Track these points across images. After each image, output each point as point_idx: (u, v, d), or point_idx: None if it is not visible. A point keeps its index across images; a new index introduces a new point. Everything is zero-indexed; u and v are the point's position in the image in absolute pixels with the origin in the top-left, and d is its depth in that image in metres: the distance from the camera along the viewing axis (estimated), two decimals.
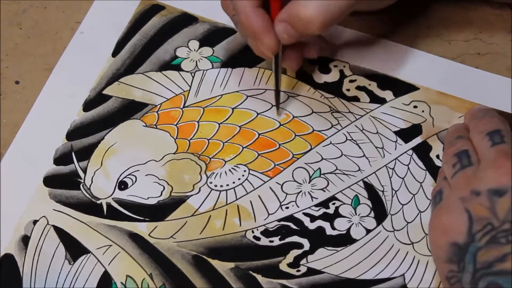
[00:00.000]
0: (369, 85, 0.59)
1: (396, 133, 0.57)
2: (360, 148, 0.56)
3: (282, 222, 0.54)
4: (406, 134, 0.57)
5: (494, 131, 0.50)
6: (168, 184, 0.55)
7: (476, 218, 0.46)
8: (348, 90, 0.58)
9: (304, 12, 0.50)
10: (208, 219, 0.54)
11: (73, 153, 0.56)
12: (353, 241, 0.53)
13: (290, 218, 0.54)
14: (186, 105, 0.58)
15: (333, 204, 0.54)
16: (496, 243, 0.45)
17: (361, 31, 0.60)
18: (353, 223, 0.54)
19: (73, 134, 0.57)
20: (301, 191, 0.55)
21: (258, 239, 0.53)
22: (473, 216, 0.47)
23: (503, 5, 0.61)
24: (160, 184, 0.55)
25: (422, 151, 0.56)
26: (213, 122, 0.57)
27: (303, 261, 0.52)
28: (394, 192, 0.55)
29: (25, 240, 0.53)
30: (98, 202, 0.54)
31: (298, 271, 0.52)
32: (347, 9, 0.51)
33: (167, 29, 0.61)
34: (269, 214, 0.54)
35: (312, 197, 0.55)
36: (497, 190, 0.46)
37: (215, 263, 0.52)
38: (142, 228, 0.54)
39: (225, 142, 0.57)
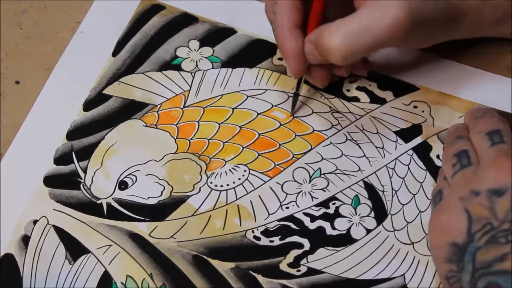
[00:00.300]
0: (369, 85, 0.59)
1: (396, 133, 0.57)
2: (360, 148, 0.56)
3: (282, 222, 0.54)
4: (406, 134, 0.57)
5: (493, 131, 0.50)
6: (168, 184, 0.55)
7: (476, 218, 0.46)
8: (348, 90, 0.58)
9: (328, 41, 0.49)
10: (208, 219, 0.54)
11: (73, 153, 0.56)
12: (353, 241, 0.53)
13: (290, 218, 0.54)
14: (186, 105, 0.58)
15: (333, 204, 0.54)
16: (495, 242, 0.45)
17: None
18: (353, 223, 0.54)
19: (73, 134, 0.57)
20: (301, 191, 0.55)
21: (258, 239, 0.53)
22: (473, 216, 0.47)
23: None
24: (160, 184, 0.55)
25: (422, 151, 0.56)
26: (213, 122, 0.57)
27: (303, 261, 0.52)
28: (394, 192, 0.55)
29: (25, 240, 0.53)
30: (98, 202, 0.54)
31: (298, 271, 0.52)
32: (375, 47, 0.50)
33: (167, 29, 0.61)
34: (269, 214, 0.54)
35: (312, 197, 0.55)
36: (496, 190, 0.46)
37: (215, 263, 0.52)
38: (142, 228, 0.54)
39: (225, 142, 0.57)
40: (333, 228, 0.54)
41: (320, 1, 0.52)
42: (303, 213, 0.54)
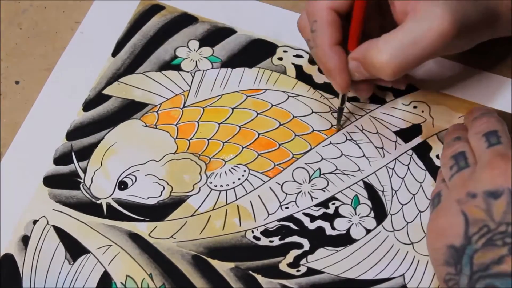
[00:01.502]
0: None
1: (396, 133, 0.57)
2: (360, 148, 0.56)
3: (282, 222, 0.54)
4: (406, 134, 0.57)
5: (490, 132, 0.50)
6: (168, 184, 0.55)
7: (472, 220, 0.46)
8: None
9: (377, 57, 0.49)
10: (208, 219, 0.54)
11: (73, 153, 0.56)
12: (353, 241, 0.53)
13: (290, 218, 0.54)
14: (186, 105, 0.58)
15: (333, 204, 0.54)
16: (492, 245, 0.45)
17: None
18: (353, 223, 0.54)
19: (73, 134, 0.57)
20: (301, 191, 0.55)
21: (258, 239, 0.53)
22: (469, 218, 0.46)
23: None
24: (160, 184, 0.55)
25: (422, 151, 0.56)
26: (213, 122, 0.57)
27: (303, 261, 0.52)
28: (394, 192, 0.55)
29: (25, 240, 0.53)
30: (98, 202, 0.54)
31: (298, 271, 0.52)
32: (424, 58, 0.50)
33: (167, 29, 0.61)
34: (269, 214, 0.54)
35: (312, 197, 0.55)
36: (492, 192, 0.46)
37: (215, 263, 0.52)
38: (142, 228, 0.54)
39: (225, 142, 0.57)
40: (333, 228, 0.54)
41: (359, 17, 0.51)
42: (303, 213, 0.54)
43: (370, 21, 0.53)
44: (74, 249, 0.53)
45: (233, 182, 0.55)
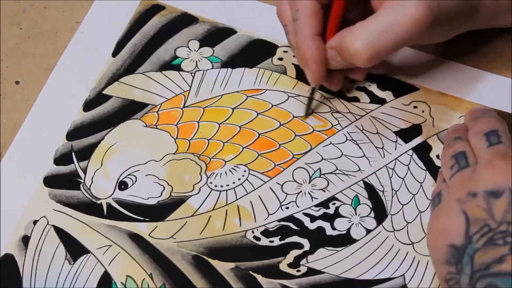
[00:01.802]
0: (369, 85, 0.59)
1: (396, 133, 0.57)
2: (360, 148, 0.56)
3: (282, 222, 0.54)
4: (406, 134, 0.57)
5: (491, 132, 0.50)
6: (168, 184, 0.55)
7: (473, 219, 0.46)
8: (348, 90, 0.58)
9: (352, 44, 0.50)
10: (208, 219, 0.54)
11: (73, 153, 0.56)
12: (353, 241, 0.53)
13: (290, 218, 0.54)
14: (186, 105, 0.58)
15: (333, 204, 0.54)
16: (493, 244, 0.45)
17: None
18: (353, 223, 0.54)
19: (73, 134, 0.57)
20: (301, 191, 0.55)
21: (258, 239, 0.53)
22: (470, 217, 0.46)
23: None
24: (160, 184, 0.55)
25: (422, 151, 0.56)
26: (213, 122, 0.57)
27: (303, 261, 0.52)
28: (394, 192, 0.55)
29: (25, 240, 0.53)
30: (98, 202, 0.54)
31: (298, 271, 0.52)
32: (398, 45, 0.50)
33: (167, 29, 0.61)
34: (269, 214, 0.54)
35: (312, 197, 0.55)
36: (493, 191, 0.46)
37: (215, 263, 0.52)
38: (142, 228, 0.54)
39: (225, 142, 0.57)
40: (333, 228, 0.54)
41: (339, 7, 0.52)
42: (303, 213, 0.54)
43: (352, 11, 0.54)
44: (74, 249, 0.53)
45: (233, 182, 0.55)
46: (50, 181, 0.55)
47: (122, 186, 0.55)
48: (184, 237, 0.53)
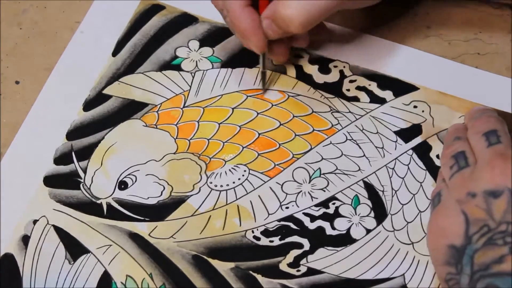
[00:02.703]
0: (369, 85, 0.59)
1: (396, 133, 0.57)
2: (360, 148, 0.56)
3: (282, 222, 0.54)
4: (406, 134, 0.57)
5: (490, 131, 0.50)
6: (168, 184, 0.55)
7: (473, 220, 0.46)
8: (348, 90, 0.58)
9: (284, 11, 0.51)
10: (208, 219, 0.54)
11: (73, 153, 0.56)
12: (353, 241, 0.53)
13: (290, 218, 0.54)
14: (186, 105, 0.58)
15: (333, 204, 0.54)
16: (492, 244, 0.45)
17: (361, 32, 0.60)
18: (353, 223, 0.54)
19: (73, 134, 0.57)
20: (301, 191, 0.55)
21: (258, 239, 0.53)
22: (470, 218, 0.46)
23: (503, 5, 0.61)
24: (160, 184, 0.55)
25: (422, 151, 0.56)
26: (213, 122, 0.57)
27: (303, 261, 0.52)
28: (394, 192, 0.55)
29: (25, 240, 0.53)
30: (98, 202, 0.54)
31: (298, 271, 0.52)
32: (329, 10, 0.52)
33: (167, 29, 0.61)
34: (269, 214, 0.54)
35: (312, 197, 0.55)
36: (492, 191, 0.46)
37: (215, 263, 0.52)
38: (142, 228, 0.54)
39: (225, 142, 0.57)
40: (333, 228, 0.54)
41: None
42: (303, 213, 0.54)
43: None
44: (74, 249, 0.53)
45: (233, 182, 0.55)
46: (50, 180, 0.55)
47: (122, 186, 0.55)
48: (184, 237, 0.53)
